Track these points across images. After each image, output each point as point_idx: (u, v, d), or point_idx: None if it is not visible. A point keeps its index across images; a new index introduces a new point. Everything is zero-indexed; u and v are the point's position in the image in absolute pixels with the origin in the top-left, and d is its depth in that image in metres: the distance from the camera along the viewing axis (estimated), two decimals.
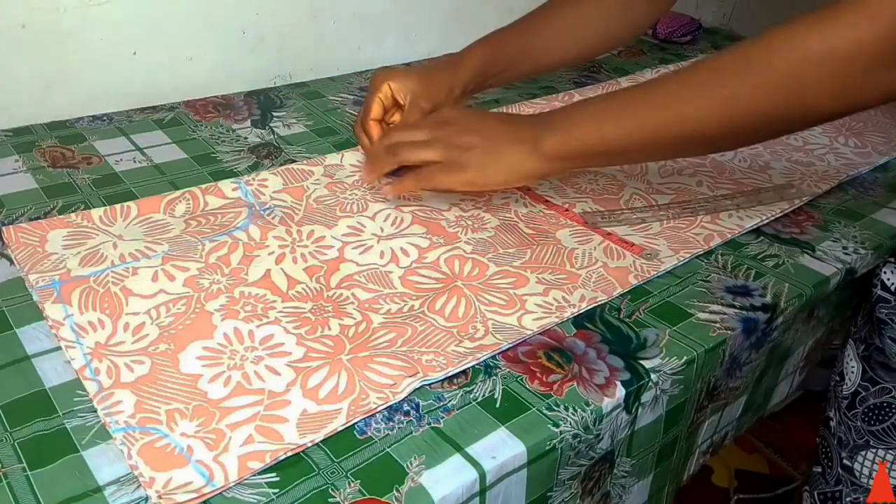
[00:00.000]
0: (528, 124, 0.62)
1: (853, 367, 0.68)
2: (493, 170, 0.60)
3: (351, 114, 0.86)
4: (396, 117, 0.74)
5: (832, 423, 0.70)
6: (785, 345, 0.65)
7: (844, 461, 0.67)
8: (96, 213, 0.61)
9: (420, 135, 0.63)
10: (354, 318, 0.53)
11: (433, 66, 0.75)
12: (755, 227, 0.68)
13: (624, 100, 0.59)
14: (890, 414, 0.64)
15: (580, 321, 0.55)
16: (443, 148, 0.61)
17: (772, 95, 0.51)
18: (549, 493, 0.48)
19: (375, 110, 0.72)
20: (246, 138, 0.78)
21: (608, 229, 0.66)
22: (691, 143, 0.56)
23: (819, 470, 0.71)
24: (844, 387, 0.69)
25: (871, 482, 0.66)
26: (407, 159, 0.63)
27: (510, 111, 0.87)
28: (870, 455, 0.65)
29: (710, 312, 0.57)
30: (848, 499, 0.67)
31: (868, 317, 0.68)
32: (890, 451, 0.64)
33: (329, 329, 0.52)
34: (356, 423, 0.45)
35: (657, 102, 0.56)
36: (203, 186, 0.66)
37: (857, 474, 0.66)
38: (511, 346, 0.51)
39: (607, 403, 0.48)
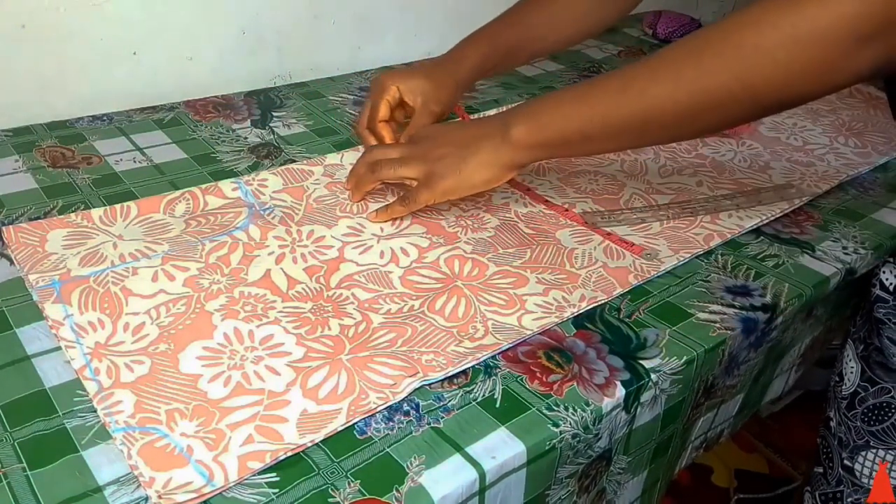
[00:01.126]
0: (497, 119, 0.62)
1: (852, 367, 0.68)
2: (469, 170, 0.60)
3: (351, 113, 0.86)
4: (397, 116, 0.74)
5: (832, 424, 0.70)
6: (783, 343, 0.65)
7: (845, 461, 0.67)
8: (96, 213, 0.61)
9: (396, 153, 0.64)
10: (354, 318, 0.53)
11: (433, 66, 0.75)
12: (755, 227, 0.68)
13: (590, 87, 0.58)
14: (889, 414, 0.64)
15: (580, 321, 0.55)
16: (419, 163, 0.62)
17: (741, 76, 0.49)
18: (547, 492, 0.48)
19: (384, 112, 0.73)
20: (246, 138, 0.78)
21: (608, 229, 0.66)
22: (657, 128, 0.55)
23: (820, 470, 0.71)
24: (844, 387, 0.69)
25: (871, 482, 0.65)
26: (386, 177, 0.64)
27: None
28: (870, 455, 0.65)
29: (710, 312, 0.57)
30: (849, 499, 0.67)
31: (867, 317, 0.68)
32: (890, 452, 0.64)
33: (329, 329, 0.52)
34: (356, 423, 0.45)
35: (622, 87, 0.55)
36: (203, 186, 0.66)
37: (858, 475, 0.66)
38: (511, 346, 0.51)
39: (607, 403, 0.48)
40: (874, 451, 0.65)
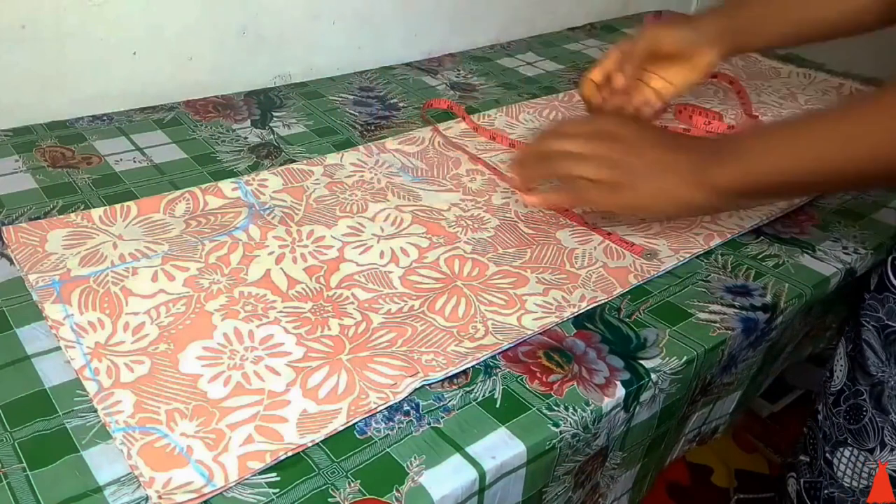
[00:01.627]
0: (698, 152, 0.56)
1: (842, 364, 0.68)
2: (655, 199, 0.56)
3: (351, 114, 0.86)
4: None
5: (819, 417, 0.70)
6: (782, 342, 0.65)
7: (826, 455, 0.68)
8: (96, 213, 0.61)
9: (577, 146, 0.57)
10: (354, 318, 0.53)
11: (699, 17, 0.69)
12: (755, 227, 0.68)
13: (807, 131, 0.53)
14: (863, 415, 0.64)
15: (580, 321, 0.55)
16: (602, 167, 0.56)
17: None
18: (544, 489, 0.48)
19: (611, 60, 0.68)
20: (246, 138, 0.78)
21: (608, 229, 0.66)
22: (882, 179, 0.53)
23: (807, 459, 0.72)
24: (832, 383, 0.69)
25: (846, 479, 0.66)
26: (562, 173, 0.58)
27: (510, 111, 0.87)
28: (846, 452, 0.66)
29: (710, 312, 0.57)
30: (825, 492, 0.68)
31: (857, 317, 0.68)
32: (863, 452, 0.64)
33: (329, 329, 0.52)
34: (356, 423, 0.45)
35: (845, 135, 0.51)
36: (203, 186, 0.66)
37: (835, 469, 0.67)
38: (511, 346, 0.51)
39: (607, 403, 0.48)
40: (850, 448, 0.65)
